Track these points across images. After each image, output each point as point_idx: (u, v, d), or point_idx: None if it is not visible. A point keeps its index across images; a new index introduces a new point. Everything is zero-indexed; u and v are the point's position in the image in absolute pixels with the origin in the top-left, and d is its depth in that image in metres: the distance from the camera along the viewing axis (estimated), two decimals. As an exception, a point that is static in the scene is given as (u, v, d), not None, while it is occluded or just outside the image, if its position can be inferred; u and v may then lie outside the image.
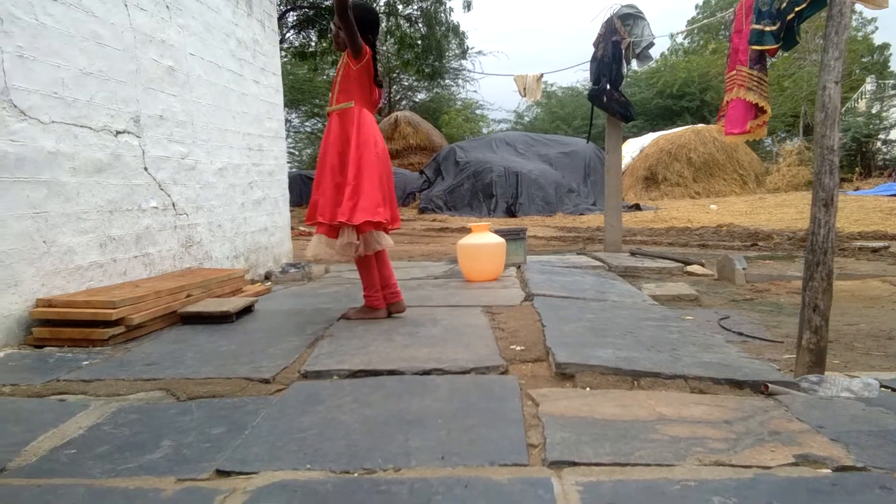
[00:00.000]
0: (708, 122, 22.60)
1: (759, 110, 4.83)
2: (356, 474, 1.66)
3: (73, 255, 3.39)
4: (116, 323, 3.07)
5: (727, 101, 5.03)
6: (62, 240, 3.31)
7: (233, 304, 3.65)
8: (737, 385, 2.30)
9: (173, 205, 4.29)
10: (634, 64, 7.23)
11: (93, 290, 3.39)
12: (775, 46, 4.32)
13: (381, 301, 3.53)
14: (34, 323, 3.08)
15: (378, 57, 3.46)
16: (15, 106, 3.04)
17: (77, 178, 3.42)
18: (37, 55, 3.17)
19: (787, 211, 12.35)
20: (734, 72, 4.91)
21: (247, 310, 3.74)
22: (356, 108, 3.35)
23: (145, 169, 3.99)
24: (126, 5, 3.84)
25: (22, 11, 3.09)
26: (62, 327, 3.04)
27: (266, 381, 2.45)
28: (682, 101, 26.59)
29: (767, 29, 4.26)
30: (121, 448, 1.86)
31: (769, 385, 2.25)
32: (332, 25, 3.39)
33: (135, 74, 3.92)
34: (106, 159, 3.63)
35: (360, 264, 3.50)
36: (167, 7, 4.30)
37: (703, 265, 6.02)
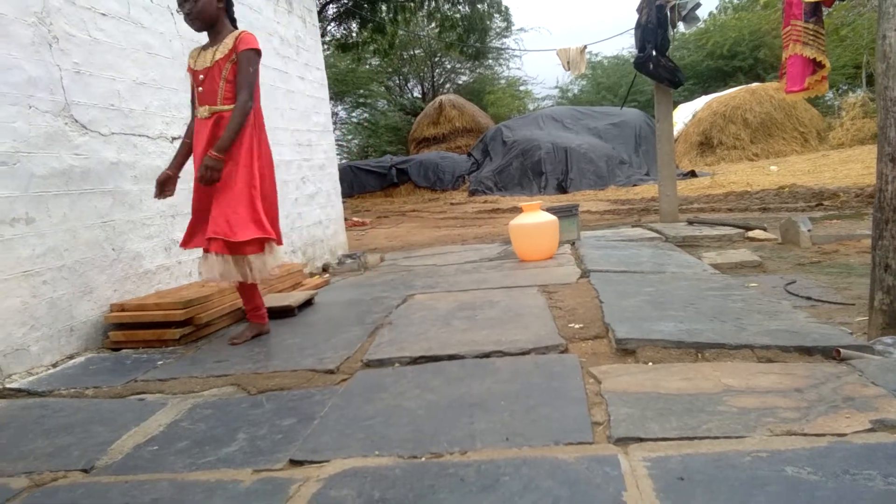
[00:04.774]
0: (763, 81, 21.72)
1: (816, 65, 4.62)
2: (423, 459, 1.69)
3: (140, 260, 3.53)
4: (186, 323, 3.19)
5: (786, 59, 4.83)
6: (130, 246, 3.46)
7: (294, 298, 3.75)
8: (806, 352, 2.23)
9: (230, 205, 4.41)
10: (681, 27, 7.02)
11: (162, 293, 3.53)
12: (830, -5, 4.12)
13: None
14: (109, 327, 3.23)
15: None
16: (76, 121, 3.17)
17: (139, 185, 3.56)
18: (92, 70, 3.30)
19: (853, 167, 11.80)
20: (789, 27, 4.71)
21: (307, 303, 3.83)
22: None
23: (201, 172, 4.11)
24: (172, 14, 3.95)
25: (76, 29, 3.21)
26: (136, 329, 3.19)
27: (331, 372, 2.51)
28: (735, 61, 25.59)
29: (820, -22, 4.06)
30: (199, 443, 1.94)
31: (841, 350, 2.18)
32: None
33: (185, 81, 4.03)
34: (165, 165, 3.75)
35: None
36: (210, 12, 4.39)
37: (765, 229, 5.83)
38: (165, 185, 3.15)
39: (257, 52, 2.95)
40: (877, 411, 1.71)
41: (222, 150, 2.84)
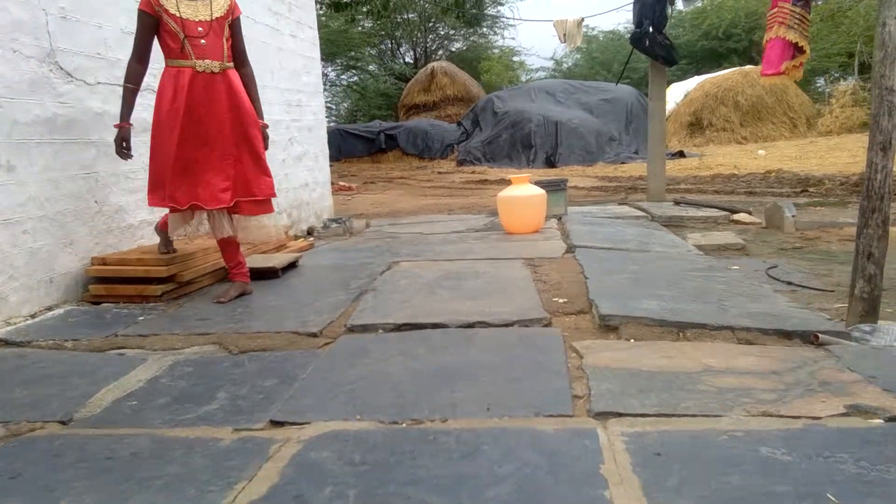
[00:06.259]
0: (756, 64, 21.68)
1: (797, 50, 4.62)
2: (404, 425, 1.70)
3: (123, 214, 3.48)
4: (168, 280, 3.16)
5: (766, 41, 4.82)
6: (112, 199, 3.41)
7: (278, 259, 3.73)
8: (786, 335, 2.27)
9: (217, 162, 4.34)
10: (680, 4, 6.96)
11: (144, 248, 3.49)
12: (821, -20, 4.10)
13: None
14: (90, 280, 3.20)
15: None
16: (61, 68, 3.09)
17: (124, 138, 3.48)
18: (80, 16, 3.20)
19: (840, 155, 11.87)
20: (776, 9, 4.69)
21: (292, 265, 3.80)
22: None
23: (188, 127, 4.03)
24: (162, -38, 3.83)
25: (62, -27, 3.11)
26: (117, 284, 3.15)
27: (314, 335, 2.51)
28: (730, 42, 25.50)
29: (811, -39, 4.02)
30: (179, 399, 1.94)
31: (819, 335, 2.21)
32: None
33: (174, 33, 3.93)
34: (150, 119, 3.68)
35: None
36: (202, -38, 4.27)
37: (750, 213, 5.87)
38: (129, 141, 3.06)
39: None
40: (852, 396, 1.75)
41: (261, 117, 3.20)
